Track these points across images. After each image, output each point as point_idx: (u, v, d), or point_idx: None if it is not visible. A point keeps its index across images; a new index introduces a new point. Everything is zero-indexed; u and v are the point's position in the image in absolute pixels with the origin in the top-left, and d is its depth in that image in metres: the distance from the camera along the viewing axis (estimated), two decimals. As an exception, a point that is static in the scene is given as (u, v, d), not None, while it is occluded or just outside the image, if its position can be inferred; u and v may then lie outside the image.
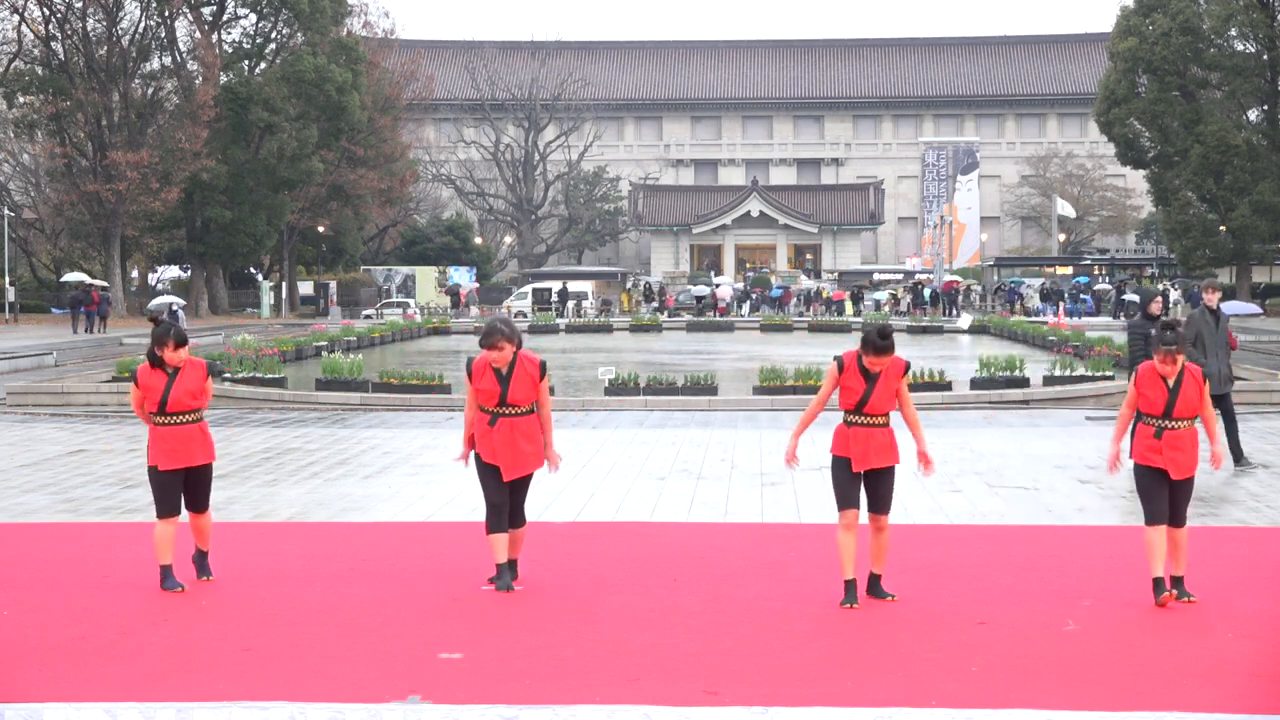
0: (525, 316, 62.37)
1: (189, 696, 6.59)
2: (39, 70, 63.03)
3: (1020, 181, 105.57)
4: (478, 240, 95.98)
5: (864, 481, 8.45)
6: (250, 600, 8.60)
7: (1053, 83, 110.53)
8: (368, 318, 64.42)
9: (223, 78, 66.75)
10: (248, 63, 69.06)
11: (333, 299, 72.35)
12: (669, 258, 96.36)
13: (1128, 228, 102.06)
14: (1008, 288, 72.20)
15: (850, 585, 8.39)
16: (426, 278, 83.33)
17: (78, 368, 32.58)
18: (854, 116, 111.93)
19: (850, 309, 66.28)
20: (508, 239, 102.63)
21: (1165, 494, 8.45)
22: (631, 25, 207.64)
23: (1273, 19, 61.48)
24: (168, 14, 64.36)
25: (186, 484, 8.94)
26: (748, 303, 72.37)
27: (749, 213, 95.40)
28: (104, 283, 59.89)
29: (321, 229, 77.52)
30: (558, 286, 72.15)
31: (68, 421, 20.02)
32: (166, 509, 8.88)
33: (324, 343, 37.67)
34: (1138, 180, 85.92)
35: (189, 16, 67.11)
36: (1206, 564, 9.30)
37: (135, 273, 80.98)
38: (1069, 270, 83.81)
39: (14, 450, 16.43)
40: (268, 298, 73.37)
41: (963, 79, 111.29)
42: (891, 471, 8.46)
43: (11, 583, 9.09)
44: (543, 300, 70.76)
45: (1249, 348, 33.77)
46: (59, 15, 62.32)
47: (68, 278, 64.88)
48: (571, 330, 53.49)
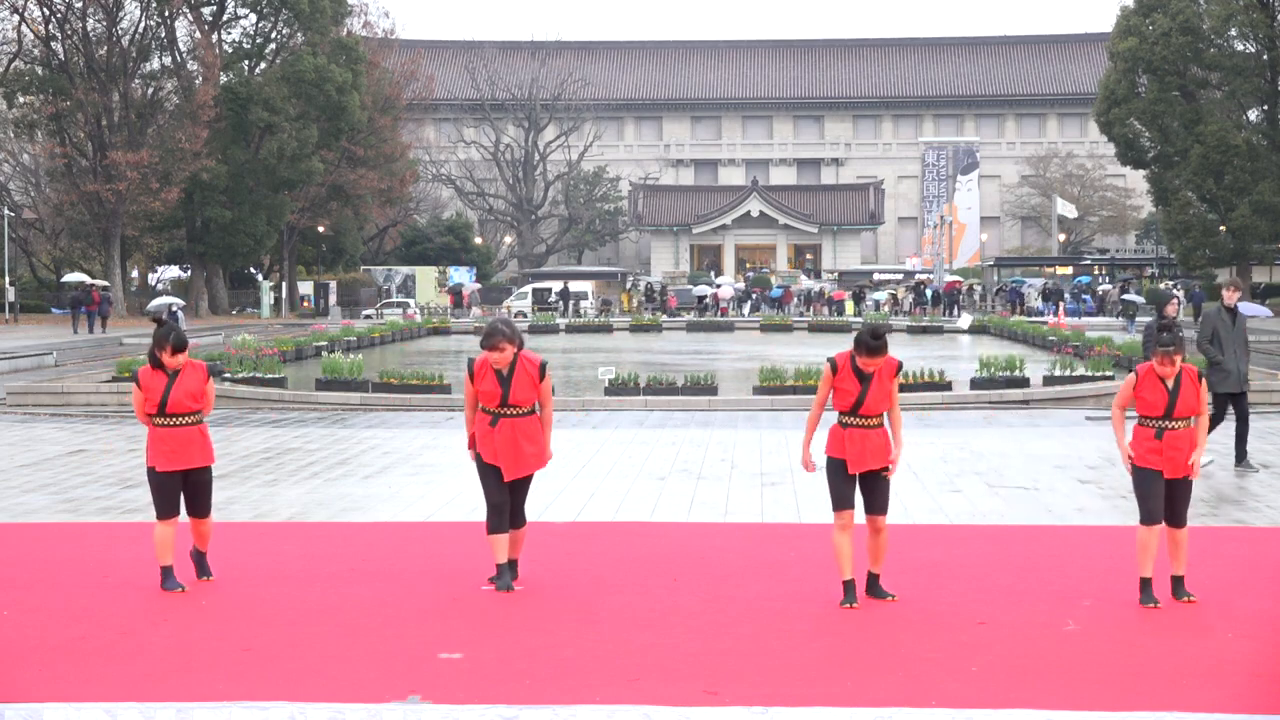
0: (525, 316, 62.36)
1: (189, 696, 6.59)
2: (39, 70, 63.02)
3: (1020, 181, 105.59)
4: (478, 240, 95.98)
5: (860, 483, 8.45)
6: (250, 600, 8.60)
7: (1053, 83, 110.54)
8: (368, 318, 64.41)
9: (223, 78, 66.74)
10: (248, 63, 69.04)
11: (307, 300, 72.24)
12: (669, 258, 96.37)
13: (1128, 228, 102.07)
14: (1009, 288, 72.17)
15: (849, 586, 8.38)
16: (426, 278, 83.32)
17: (78, 368, 32.58)
18: (854, 116, 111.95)
19: (851, 309, 66.27)
20: (508, 239, 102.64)
21: (1163, 494, 8.45)
22: (631, 25, 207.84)
23: (1273, 19, 61.48)
24: (168, 14, 64.34)
25: (186, 487, 8.93)
26: (748, 303, 72.36)
27: (749, 213, 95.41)
28: (104, 282, 59.90)
29: (321, 229, 77.52)
30: (558, 286, 72.05)
31: (68, 421, 20.02)
32: (166, 510, 8.88)
33: (324, 343, 37.68)
34: (1138, 180, 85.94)
35: (189, 16, 67.10)
36: (1206, 564, 9.30)
37: (135, 273, 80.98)
38: (1069, 270, 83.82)
39: (14, 450, 16.43)
40: (268, 298, 73.37)
41: (963, 79, 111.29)
42: (885, 474, 8.46)
43: (11, 583, 9.09)
44: (543, 300, 70.71)
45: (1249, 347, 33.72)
46: (59, 15, 62.31)
47: (68, 278, 64.87)
48: (571, 330, 53.48)
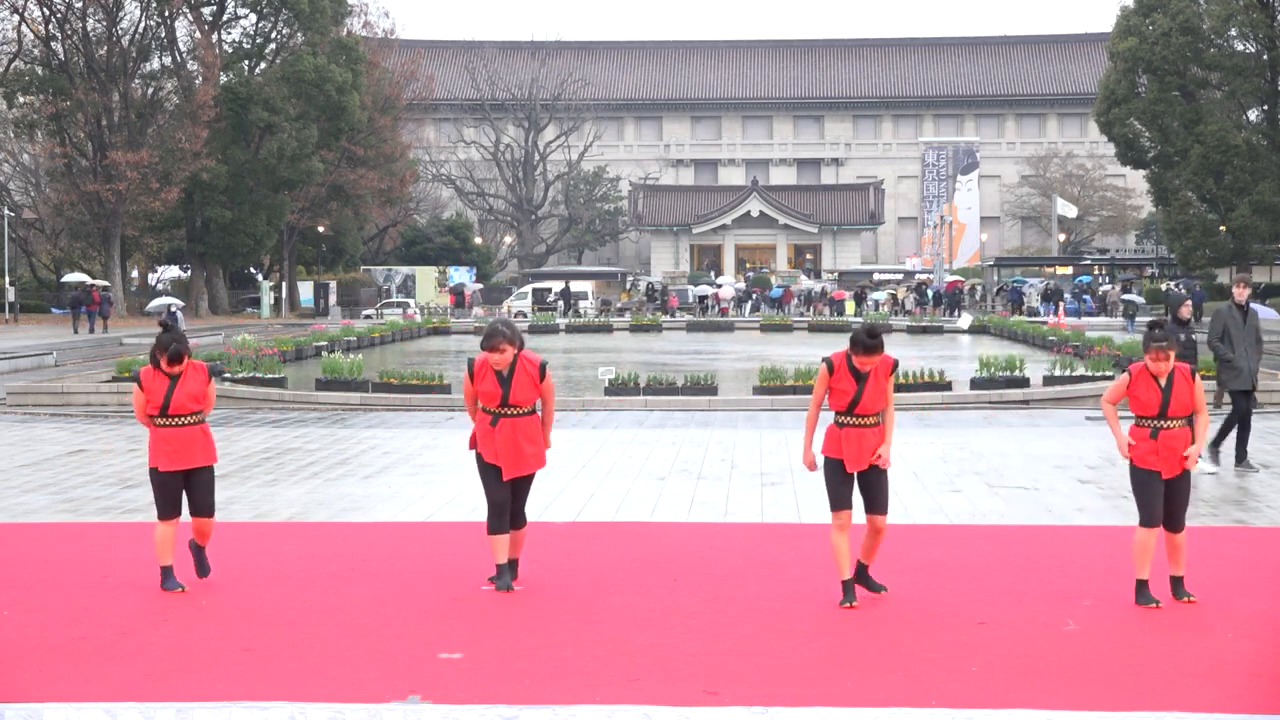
0: (525, 316, 62.37)
1: (189, 696, 6.60)
2: (39, 70, 63.02)
3: (1020, 181, 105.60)
4: (478, 240, 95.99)
5: (859, 482, 8.44)
6: (250, 600, 8.60)
7: (1053, 83, 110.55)
8: (368, 318, 64.41)
9: (223, 78, 66.74)
10: (248, 63, 69.04)
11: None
12: (669, 258, 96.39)
13: (1128, 228, 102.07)
14: (1010, 288, 72.16)
15: (848, 585, 8.38)
16: (426, 278, 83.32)
17: (78, 368, 32.59)
18: (854, 116, 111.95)
19: (852, 309, 66.28)
20: (508, 239, 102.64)
21: (1162, 496, 8.43)
22: (631, 25, 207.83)
23: (1273, 19, 61.45)
24: (168, 14, 64.34)
25: (188, 486, 8.92)
26: (749, 303, 72.41)
27: (749, 213, 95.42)
28: (104, 282, 59.92)
29: (321, 229, 77.51)
30: (559, 286, 71.94)
31: (68, 421, 20.02)
32: (166, 510, 8.87)
33: (324, 343, 37.69)
34: (1138, 180, 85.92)
35: (189, 16, 67.09)
36: (1206, 564, 9.30)
37: (135, 273, 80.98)
38: (1069, 270, 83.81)
39: (14, 450, 16.43)
40: (268, 298, 73.37)
41: (963, 79, 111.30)
42: (884, 473, 8.44)
43: (11, 583, 9.09)
44: (542, 300, 70.69)
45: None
46: (59, 15, 62.31)
47: (69, 278, 64.90)
48: (572, 330, 53.49)
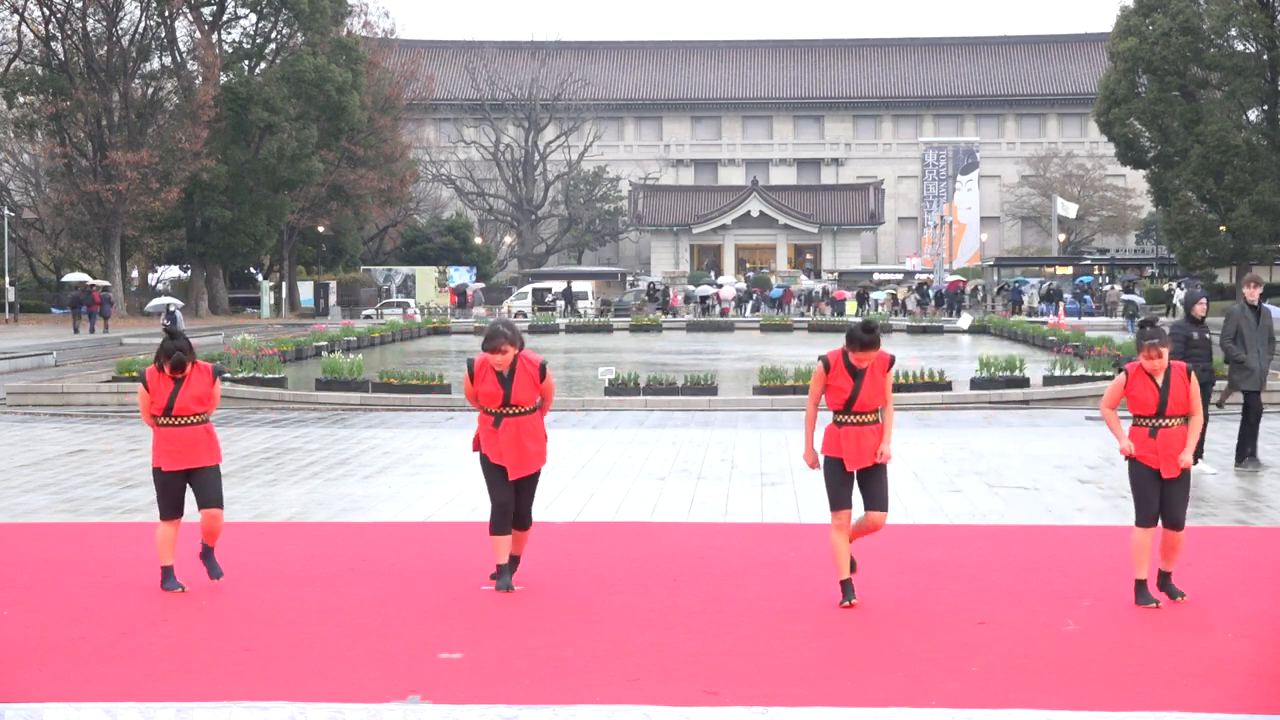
0: (525, 316, 62.37)
1: (189, 696, 6.59)
2: (39, 70, 63.02)
3: (1020, 181, 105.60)
4: (478, 240, 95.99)
5: (859, 481, 8.43)
6: (250, 600, 8.60)
7: (1053, 83, 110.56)
8: (368, 318, 64.41)
9: (223, 78, 66.73)
10: (248, 63, 69.04)
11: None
12: (669, 258, 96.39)
13: (1128, 228, 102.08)
14: (1011, 288, 72.14)
15: (846, 585, 8.37)
16: (426, 278, 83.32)
17: (78, 368, 32.59)
18: (854, 116, 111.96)
19: (853, 309, 66.28)
20: (508, 239, 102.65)
21: (1158, 495, 8.41)
22: (631, 25, 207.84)
23: (1273, 19, 61.43)
24: (168, 14, 64.34)
25: (193, 485, 8.90)
26: (749, 303, 72.46)
27: (749, 213, 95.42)
28: (105, 282, 59.93)
29: (321, 229, 77.50)
30: (560, 286, 71.88)
31: (68, 421, 20.02)
32: (168, 511, 8.87)
33: (324, 343, 37.69)
34: (1138, 180, 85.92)
35: (189, 16, 67.10)
36: (1206, 564, 9.30)
37: (135, 273, 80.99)
38: (1069, 270, 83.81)
39: (14, 450, 16.43)
40: (268, 298, 73.35)
41: (963, 79, 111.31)
42: (883, 469, 8.43)
43: (11, 583, 9.09)
44: (542, 300, 70.69)
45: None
46: (59, 15, 62.31)
47: (69, 278, 64.90)
48: (572, 330, 53.50)
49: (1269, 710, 6.39)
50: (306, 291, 77.83)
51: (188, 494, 9.00)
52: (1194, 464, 8.74)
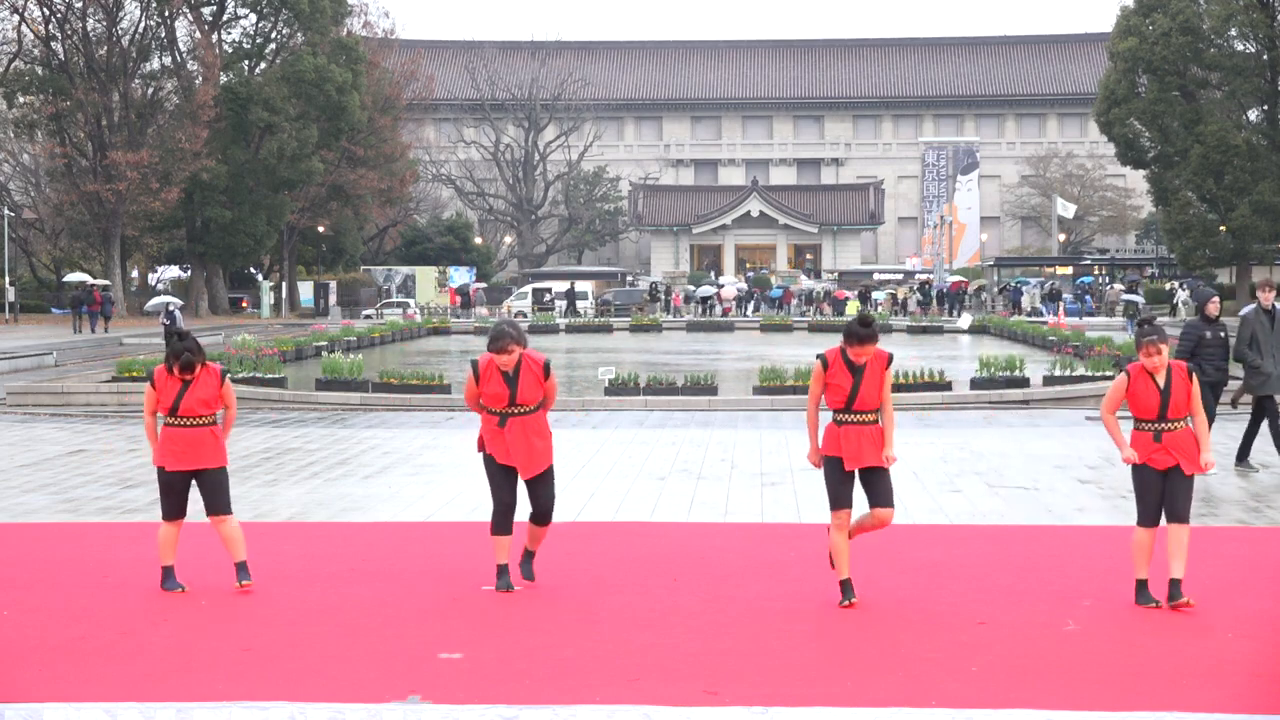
0: (525, 316, 62.38)
1: (189, 696, 6.59)
2: (39, 70, 63.01)
3: (1020, 181, 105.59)
4: (478, 240, 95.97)
5: (861, 480, 8.42)
6: (250, 600, 8.60)
7: (1053, 83, 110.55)
8: (368, 318, 64.41)
9: (223, 78, 66.72)
10: (248, 63, 69.02)
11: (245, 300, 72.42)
12: (669, 258, 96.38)
13: (1128, 228, 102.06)
14: (1013, 288, 72.12)
15: (846, 585, 8.37)
16: (426, 278, 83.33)
17: (78, 368, 32.59)
18: (854, 116, 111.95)
19: (855, 308, 66.21)
20: (508, 239, 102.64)
21: (1160, 496, 8.39)
22: (631, 25, 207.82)
23: (1273, 19, 61.40)
24: (168, 14, 64.33)
25: (200, 488, 8.87)
26: (751, 302, 72.52)
27: (749, 213, 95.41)
28: (105, 282, 59.94)
29: (321, 229, 77.49)
30: (563, 286, 71.76)
31: (68, 421, 20.02)
32: (170, 511, 8.86)
33: (324, 343, 37.69)
34: (1138, 180, 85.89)
35: (189, 16, 67.08)
36: (1206, 564, 9.30)
37: (135, 273, 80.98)
38: (1069, 270, 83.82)
39: (14, 450, 16.43)
40: (268, 298, 73.35)
41: (963, 79, 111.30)
42: (885, 468, 8.42)
43: (11, 583, 9.09)
44: (542, 300, 70.69)
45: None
46: (59, 15, 62.30)
47: (70, 278, 64.88)
48: (571, 330, 53.51)
49: (1269, 710, 6.39)
50: (306, 291, 77.86)
51: (192, 496, 8.97)
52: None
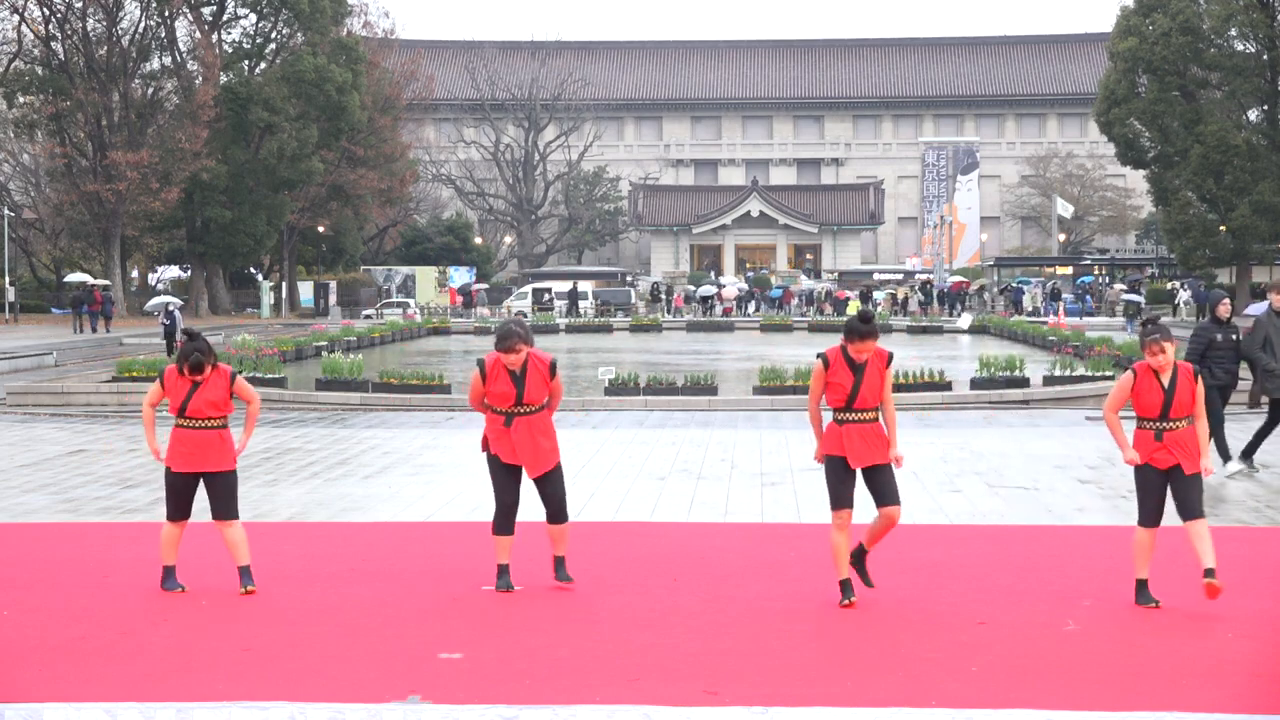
0: (525, 316, 62.40)
1: (189, 696, 6.59)
2: (39, 70, 63.02)
3: (1020, 181, 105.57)
4: (478, 240, 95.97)
5: (865, 479, 8.42)
6: (250, 600, 8.60)
7: (1053, 83, 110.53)
8: (368, 318, 64.41)
9: (223, 78, 66.74)
10: (248, 63, 69.04)
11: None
12: (669, 258, 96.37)
13: (1128, 228, 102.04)
14: (1014, 288, 72.13)
15: (845, 584, 8.37)
16: (426, 278, 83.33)
17: (78, 368, 32.59)
18: (854, 116, 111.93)
19: (856, 308, 66.15)
20: (508, 239, 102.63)
21: (1163, 496, 8.38)
22: (631, 25, 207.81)
23: (1273, 19, 61.39)
24: (168, 14, 64.34)
25: (207, 491, 8.85)
26: (752, 302, 72.57)
27: (749, 213, 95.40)
28: (106, 282, 59.94)
29: (321, 229, 77.50)
30: (564, 286, 71.68)
31: (68, 421, 20.02)
32: (174, 512, 8.85)
33: (324, 343, 37.70)
34: (1138, 180, 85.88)
35: (189, 16, 67.10)
36: (1206, 564, 9.29)
37: (135, 273, 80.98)
38: (1069, 270, 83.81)
39: (14, 450, 16.43)
40: (268, 298, 73.34)
41: (963, 79, 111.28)
42: (889, 466, 8.42)
43: (11, 583, 9.09)
44: (541, 300, 70.72)
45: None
46: (59, 15, 62.31)
47: (70, 278, 64.87)
48: (572, 330, 53.52)
49: (1269, 710, 6.39)
50: (306, 291, 77.85)
51: (198, 498, 8.95)
52: (1221, 468, 8.64)
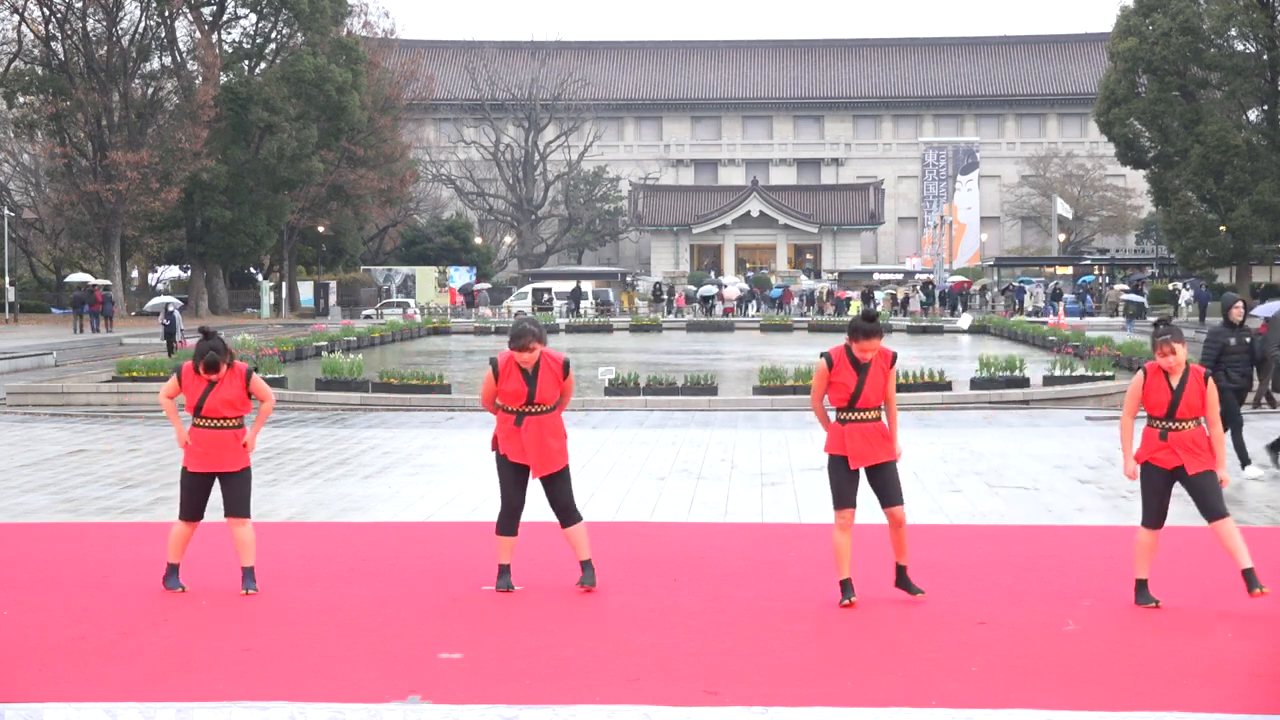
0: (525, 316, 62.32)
1: (189, 696, 6.59)
2: (39, 70, 63.03)
3: (1020, 181, 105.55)
4: (478, 240, 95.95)
5: (868, 478, 8.42)
6: (250, 600, 8.60)
7: (1053, 83, 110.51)
8: (368, 318, 64.41)
9: (223, 78, 66.74)
10: (248, 63, 69.04)
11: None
12: (669, 258, 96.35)
13: (1128, 228, 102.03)
14: (1016, 288, 72.12)
15: (846, 584, 8.37)
16: (426, 278, 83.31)
17: (78, 368, 32.59)
18: (854, 116, 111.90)
19: (857, 308, 66.16)
20: (508, 239, 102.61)
21: (1167, 497, 8.36)
22: (631, 25, 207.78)
23: (1273, 19, 61.39)
24: (168, 14, 64.35)
25: (222, 490, 8.85)
26: (752, 303, 72.59)
27: (749, 213, 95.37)
28: (106, 281, 59.95)
29: (321, 229, 77.49)
30: (565, 286, 71.58)
31: (68, 421, 20.02)
32: (185, 510, 8.87)
33: (324, 343, 37.69)
34: (1138, 180, 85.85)
35: (189, 16, 67.11)
36: (1207, 564, 9.29)
37: (135, 273, 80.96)
38: (1069, 270, 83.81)
39: (14, 450, 16.43)
40: (268, 298, 73.34)
41: (963, 79, 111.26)
42: (893, 465, 8.42)
43: (11, 583, 9.09)
44: (541, 300, 70.71)
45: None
46: (59, 15, 62.32)
47: (71, 278, 64.90)
48: (572, 330, 53.52)
49: (1269, 710, 6.39)
50: (306, 291, 77.84)
51: (212, 499, 8.95)
52: (1240, 471, 8.60)
